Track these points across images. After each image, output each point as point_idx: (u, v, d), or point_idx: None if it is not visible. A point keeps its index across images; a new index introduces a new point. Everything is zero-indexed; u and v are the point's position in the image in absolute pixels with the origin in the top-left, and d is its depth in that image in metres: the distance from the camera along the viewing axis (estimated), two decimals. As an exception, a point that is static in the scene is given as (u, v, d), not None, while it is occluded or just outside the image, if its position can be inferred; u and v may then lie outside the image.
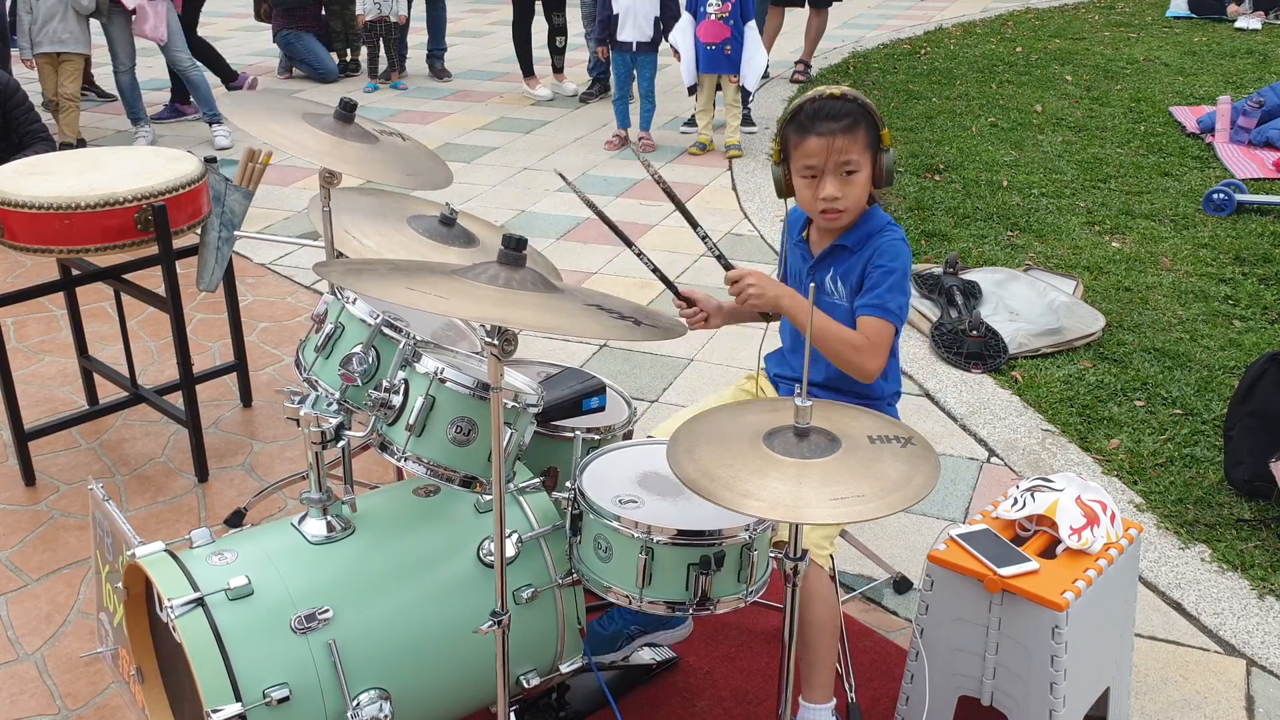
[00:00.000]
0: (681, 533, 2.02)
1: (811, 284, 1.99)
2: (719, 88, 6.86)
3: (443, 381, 2.04)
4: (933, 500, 3.34)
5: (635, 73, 7.02)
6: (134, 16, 6.56)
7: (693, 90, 6.86)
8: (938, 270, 4.72)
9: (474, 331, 2.68)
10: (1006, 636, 2.17)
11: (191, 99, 7.25)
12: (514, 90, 8.63)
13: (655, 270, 2.35)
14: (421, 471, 2.06)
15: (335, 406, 2.20)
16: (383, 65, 9.00)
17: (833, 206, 2.35)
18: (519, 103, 8.32)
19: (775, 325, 2.70)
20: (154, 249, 3.19)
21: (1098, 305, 4.54)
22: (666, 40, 6.86)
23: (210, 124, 7.14)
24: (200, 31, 7.87)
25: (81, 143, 6.59)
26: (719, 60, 6.63)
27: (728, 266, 2.38)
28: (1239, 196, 5.62)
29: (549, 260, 2.75)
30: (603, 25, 6.99)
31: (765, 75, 8.36)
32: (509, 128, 7.63)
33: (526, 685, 2.22)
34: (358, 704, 1.99)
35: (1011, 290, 4.60)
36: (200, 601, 1.93)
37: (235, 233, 3.56)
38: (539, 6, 8.19)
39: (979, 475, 3.49)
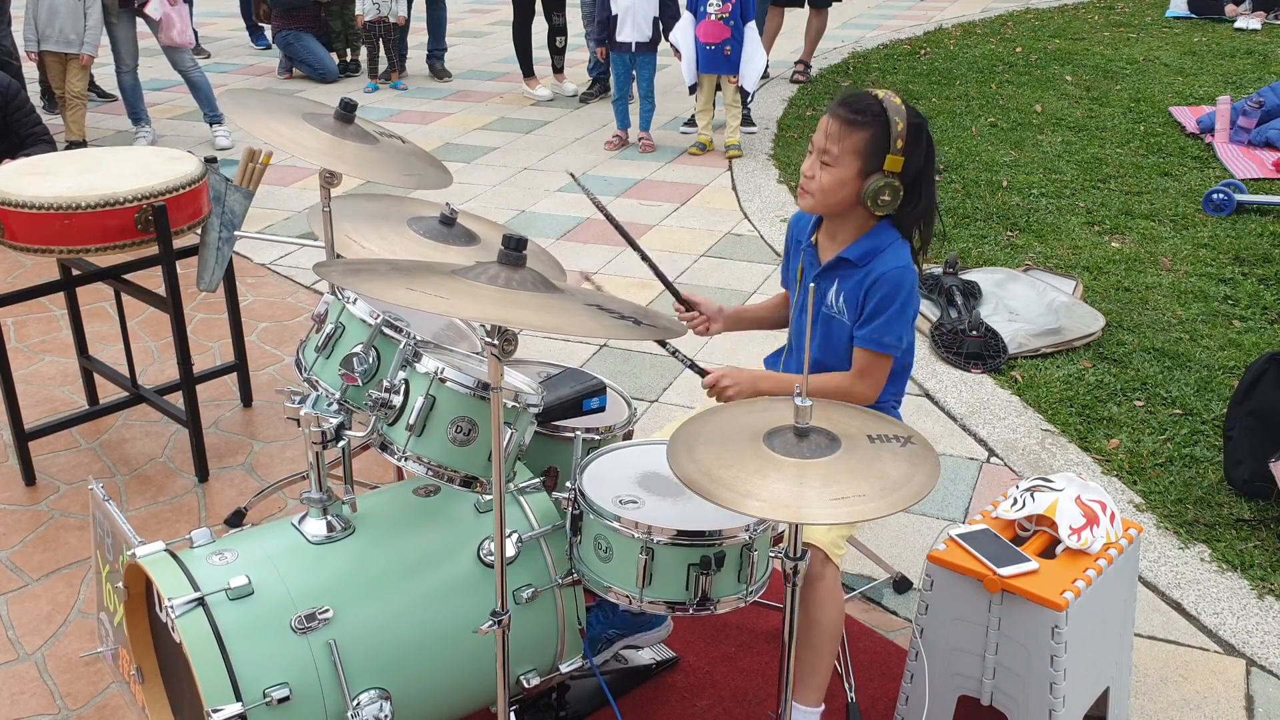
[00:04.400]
0: (682, 533, 2.02)
1: (811, 285, 1.98)
2: (719, 88, 6.86)
3: (443, 381, 2.04)
4: (933, 500, 3.34)
5: (635, 73, 7.02)
6: (159, 24, 6.55)
7: (694, 89, 6.86)
8: (938, 270, 4.72)
9: (474, 331, 2.68)
10: (1006, 636, 2.18)
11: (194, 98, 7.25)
12: (514, 90, 8.63)
13: (658, 273, 2.35)
14: (422, 471, 2.06)
15: (335, 406, 2.20)
16: (383, 65, 9.00)
17: (802, 184, 2.39)
18: (519, 103, 8.32)
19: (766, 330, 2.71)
20: (154, 249, 3.19)
21: (1097, 305, 4.54)
22: (666, 40, 6.86)
23: (210, 124, 7.14)
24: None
25: (84, 142, 6.59)
26: (718, 60, 6.63)
27: (701, 373, 2.42)
28: (1239, 196, 5.62)
29: (554, 258, 2.75)
30: (601, 26, 6.99)
31: (765, 75, 8.36)
32: (509, 128, 7.63)
33: (526, 685, 2.22)
34: (358, 704, 1.99)
35: (1011, 290, 4.61)
36: (200, 601, 1.93)
37: (235, 233, 3.56)
38: (539, 6, 8.20)
39: (979, 475, 3.50)
